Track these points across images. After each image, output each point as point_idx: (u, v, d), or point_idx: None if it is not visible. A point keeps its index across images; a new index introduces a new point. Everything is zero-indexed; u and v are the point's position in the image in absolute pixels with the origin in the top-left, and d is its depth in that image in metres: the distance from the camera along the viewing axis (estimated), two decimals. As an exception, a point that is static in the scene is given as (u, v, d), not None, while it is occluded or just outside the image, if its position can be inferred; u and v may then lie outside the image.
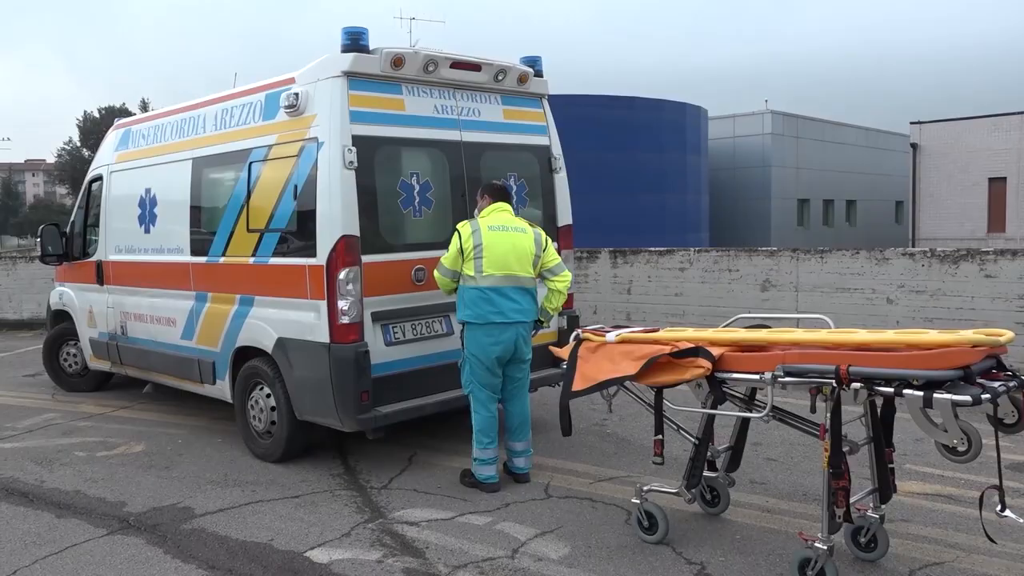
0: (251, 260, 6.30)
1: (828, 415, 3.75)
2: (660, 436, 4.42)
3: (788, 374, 3.83)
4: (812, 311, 9.37)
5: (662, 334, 4.47)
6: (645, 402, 4.57)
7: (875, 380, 3.61)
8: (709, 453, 4.62)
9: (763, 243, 27.23)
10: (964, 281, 8.67)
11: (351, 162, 5.54)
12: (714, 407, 4.30)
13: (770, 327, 4.47)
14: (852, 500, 3.89)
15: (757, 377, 3.97)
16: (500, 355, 5.39)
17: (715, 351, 4.12)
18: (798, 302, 9.90)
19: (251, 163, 6.29)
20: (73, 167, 64.35)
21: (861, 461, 4.40)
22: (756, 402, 4.55)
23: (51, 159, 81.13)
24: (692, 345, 4.19)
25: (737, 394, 4.53)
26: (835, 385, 3.69)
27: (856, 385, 3.65)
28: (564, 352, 4.80)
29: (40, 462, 6.46)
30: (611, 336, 4.53)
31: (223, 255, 6.61)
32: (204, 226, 6.92)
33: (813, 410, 3.91)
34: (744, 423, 4.74)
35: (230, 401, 6.67)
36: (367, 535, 4.81)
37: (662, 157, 23.53)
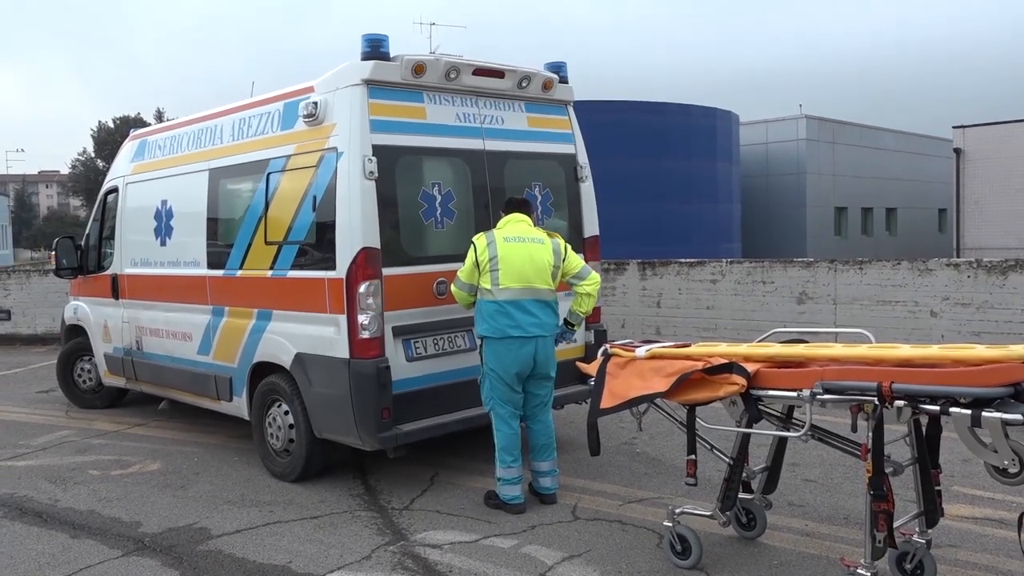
0: (269, 273, 6.37)
1: (870, 434, 3.72)
2: (693, 456, 4.40)
3: (827, 391, 3.81)
4: (851, 325, 9.31)
5: (694, 349, 4.46)
6: (677, 420, 4.55)
7: (920, 397, 3.58)
8: (744, 474, 4.58)
9: (798, 254, 27.02)
10: (1013, 293, 8.55)
11: (371, 172, 5.59)
12: (749, 426, 4.28)
13: (807, 342, 4.45)
14: (896, 524, 3.84)
15: (794, 394, 3.96)
16: (519, 370, 5.40)
17: (750, 367, 4.11)
18: (836, 315, 9.80)
19: (269, 174, 6.37)
20: (87, 178, 65.46)
21: (906, 483, 4.35)
22: (794, 420, 4.52)
23: (65, 170, 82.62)
24: (726, 361, 4.18)
25: (773, 412, 4.50)
26: (877, 403, 3.66)
27: (899, 403, 3.62)
28: (592, 368, 4.81)
29: (54, 481, 6.56)
30: (641, 351, 4.52)
31: (240, 268, 6.69)
32: (221, 238, 7.00)
33: (854, 429, 3.88)
34: (781, 442, 4.70)
35: (247, 418, 6.73)
36: (388, 558, 4.82)
37: (692, 165, 23.44)
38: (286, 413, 6.26)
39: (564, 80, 6.86)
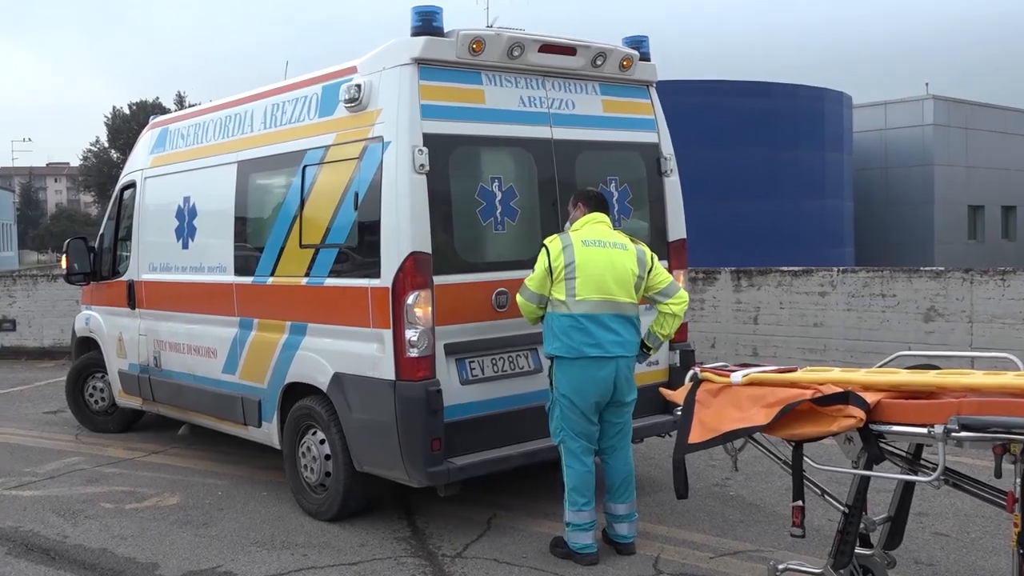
0: (304, 281, 6.48)
1: (1018, 480, 3.64)
2: (800, 502, 4.34)
3: (964, 428, 3.72)
4: (991, 348, 9.08)
5: (801, 375, 4.41)
6: (780, 459, 4.49)
7: (1080, 437, 3.47)
8: (862, 525, 4.49)
9: (925, 261, 26.41)
10: None
11: (422, 165, 5.65)
12: (869, 467, 4.21)
13: (939, 368, 4.38)
14: (1050, 590, 3.72)
15: (924, 431, 3.89)
16: (598, 398, 5.38)
17: (869, 397, 4.04)
18: (973, 336, 9.58)
19: (305, 167, 6.49)
20: (100, 171, 67.63)
21: (1061, 540, 4.20)
22: (923, 462, 4.42)
23: (76, 162, 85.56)
24: (840, 389, 4.11)
25: (898, 451, 4.42)
26: (1027, 443, 3.55)
27: (1055, 443, 3.51)
28: (678, 395, 4.78)
29: (63, 514, 6.77)
30: (737, 376, 4.48)
31: (272, 275, 6.82)
32: (250, 241, 7.16)
33: (998, 474, 3.78)
34: (907, 488, 4.61)
35: (278, 447, 6.85)
36: (438, 613, 4.85)
37: (796, 155, 23.16)
38: (322, 442, 6.35)
39: (646, 57, 6.84)
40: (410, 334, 5.62)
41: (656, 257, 5.66)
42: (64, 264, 9.67)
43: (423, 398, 5.57)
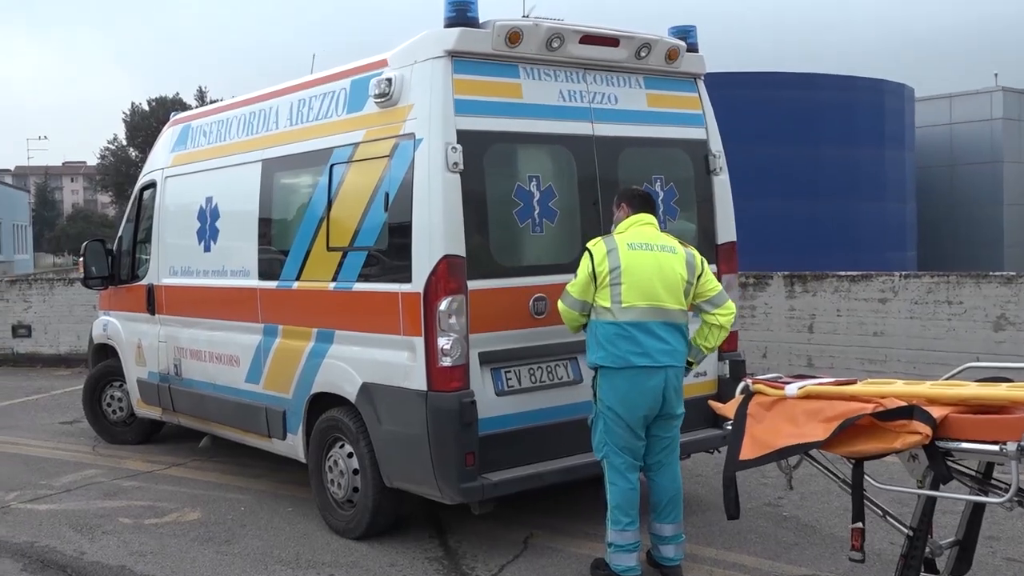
0: (331, 285, 6.52)
1: (1099, 503, 3.56)
2: (860, 524, 4.30)
3: (1040, 445, 3.65)
4: (1068, 358, 8.93)
5: (861, 388, 4.39)
6: (838, 478, 4.47)
7: None
8: (927, 549, 4.44)
9: (994, 265, 26.03)
10: None
11: (455, 163, 5.67)
12: (935, 487, 4.16)
13: (1011, 380, 4.33)
14: None
15: (995, 448, 3.85)
16: (647, 410, 5.34)
17: (935, 412, 4.01)
18: (1047, 346, 9.42)
19: (333, 165, 6.54)
20: (118, 170, 68.65)
21: None
22: (993, 482, 4.37)
23: (93, 161, 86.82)
24: (903, 403, 4.08)
25: (966, 470, 4.37)
26: (1109, 462, 3.50)
27: None
28: (728, 409, 4.77)
29: (80, 529, 6.86)
30: (791, 389, 4.47)
31: (297, 279, 6.88)
32: (275, 243, 7.23)
33: (1077, 495, 3.71)
34: (977, 510, 4.55)
35: (303, 461, 6.90)
36: (472, 638, 4.86)
37: (853, 152, 22.95)
38: (350, 456, 6.39)
39: (693, 48, 6.82)
40: (443, 342, 5.63)
41: (706, 262, 5.63)
42: (81, 268, 9.81)
43: (456, 410, 5.59)
